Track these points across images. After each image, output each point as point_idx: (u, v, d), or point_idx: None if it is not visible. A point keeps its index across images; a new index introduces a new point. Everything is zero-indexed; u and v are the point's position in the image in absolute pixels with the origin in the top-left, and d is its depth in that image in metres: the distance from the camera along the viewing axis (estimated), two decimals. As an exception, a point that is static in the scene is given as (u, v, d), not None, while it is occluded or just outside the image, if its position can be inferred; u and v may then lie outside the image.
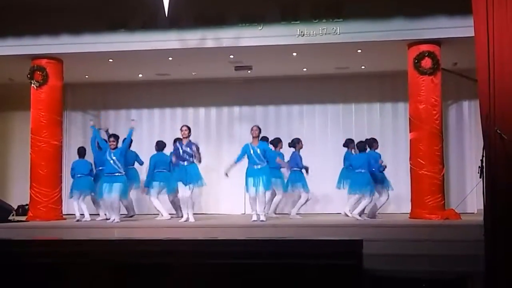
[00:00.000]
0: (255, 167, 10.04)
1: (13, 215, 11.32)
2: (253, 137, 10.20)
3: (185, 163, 10.10)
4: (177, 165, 10.25)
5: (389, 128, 12.84)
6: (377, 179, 10.47)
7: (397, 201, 12.23)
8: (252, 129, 10.26)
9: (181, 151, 10.13)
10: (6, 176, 13.70)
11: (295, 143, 11.01)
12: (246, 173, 10.12)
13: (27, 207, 11.59)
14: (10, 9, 10.81)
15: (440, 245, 8.29)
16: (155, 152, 11.24)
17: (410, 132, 10.63)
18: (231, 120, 13.19)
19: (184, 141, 10.19)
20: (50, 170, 11.05)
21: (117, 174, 10.23)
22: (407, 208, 10.77)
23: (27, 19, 10.85)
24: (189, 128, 10.27)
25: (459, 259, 7.74)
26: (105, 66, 11.86)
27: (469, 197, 11.29)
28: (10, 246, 6.09)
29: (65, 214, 11.40)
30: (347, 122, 12.79)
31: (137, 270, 5.35)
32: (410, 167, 10.52)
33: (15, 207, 11.98)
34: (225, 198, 12.80)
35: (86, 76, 12.85)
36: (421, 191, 10.25)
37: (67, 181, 11.67)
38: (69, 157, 12.47)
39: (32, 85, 11.12)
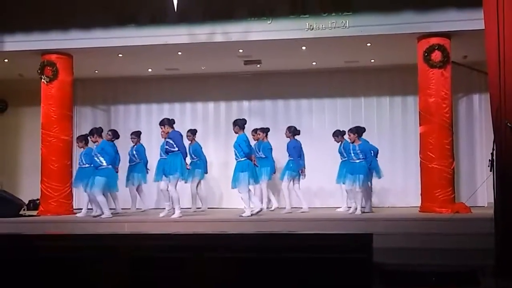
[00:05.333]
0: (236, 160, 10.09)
1: (24, 209, 11.37)
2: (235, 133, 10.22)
3: (167, 154, 10.06)
4: None
5: (399, 121, 12.82)
6: None
7: (406, 194, 12.23)
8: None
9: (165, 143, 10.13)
10: (17, 171, 13.79)
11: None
12: None
13: (38, 201, 11.66)
14: (20, 4, 10.87)
15: (450, 238, 8.27)
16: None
17: (420, 125, 10.59)
18: (240, 114, 13.15)
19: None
20: (60, 165, 11.12)
21: (100, 168, 10.22)
22: (416, 201, 10.75)
23: (37, 15, 10.90)
24: (169, 123, 10.17)
25: (469, 253, 7.72)
26: (114, 61, 11.89)
27: (479, 191, 11.24)
28: (21, 241, 6.14)
29: (75, 209, 11.46)
30: (356, 116, 12.75)
31: (148, 264, 5.39)
32: (420, 161, 10.50)
33: (26, 202, 12.04)
34: (235, 192, 12.81)
35: (96, 71, 12.89)
36: (431, 185, 10.22)
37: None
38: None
39: (42, 80, 11.17)
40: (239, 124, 10.15)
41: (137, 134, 11.69)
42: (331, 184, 11.75)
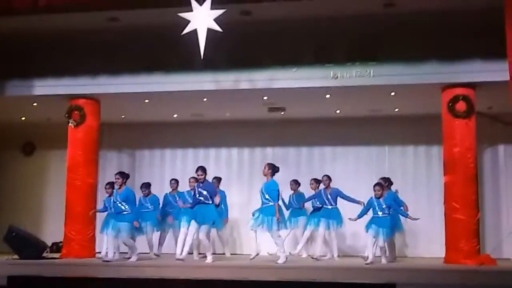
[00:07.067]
0: (263, 206, 10.02)
1: (47, 252, 11.42)
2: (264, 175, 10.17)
3: (200, 204, 10.03)
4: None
5: (423, 171, 12.76)
6: None
7: (431, 245, 12.08)
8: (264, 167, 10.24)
9: (196, 193, 10.08)
10: (42, 213, 13.89)
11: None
12: None
13: (61, 244, 11.70)
14: (49, 50, 11.11)
15: (475, 291, 8.14)
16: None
17: (444, 175, 10.52)
18: (263, 161, 13.12)
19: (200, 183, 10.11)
20: (84, 208, 11.17)
21: (123, 213, 10.27)
22: (441, 252, 10.59)
23: (66, 60, 11.12)
24: (204, 171, 10.16)
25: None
26: (141, 106, 12.05)
27: (505, 243, 11.08)
28: (43, 283, 6.16)
29: (97, 252, 11.47)
30: (380, 165, 12.73)
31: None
32: (445, 211, 10.38)
33: (50, 244, 12.10)
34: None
35: (123, 116, 13.06)
36: (455, 236, 10.08)
37: (101, 219, 11.77)
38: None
39: (70, 124, 11.33)
40: (275, 169, 10.13)
41: (122, 176, 10.84)
42: (354, 232, 11.68)
